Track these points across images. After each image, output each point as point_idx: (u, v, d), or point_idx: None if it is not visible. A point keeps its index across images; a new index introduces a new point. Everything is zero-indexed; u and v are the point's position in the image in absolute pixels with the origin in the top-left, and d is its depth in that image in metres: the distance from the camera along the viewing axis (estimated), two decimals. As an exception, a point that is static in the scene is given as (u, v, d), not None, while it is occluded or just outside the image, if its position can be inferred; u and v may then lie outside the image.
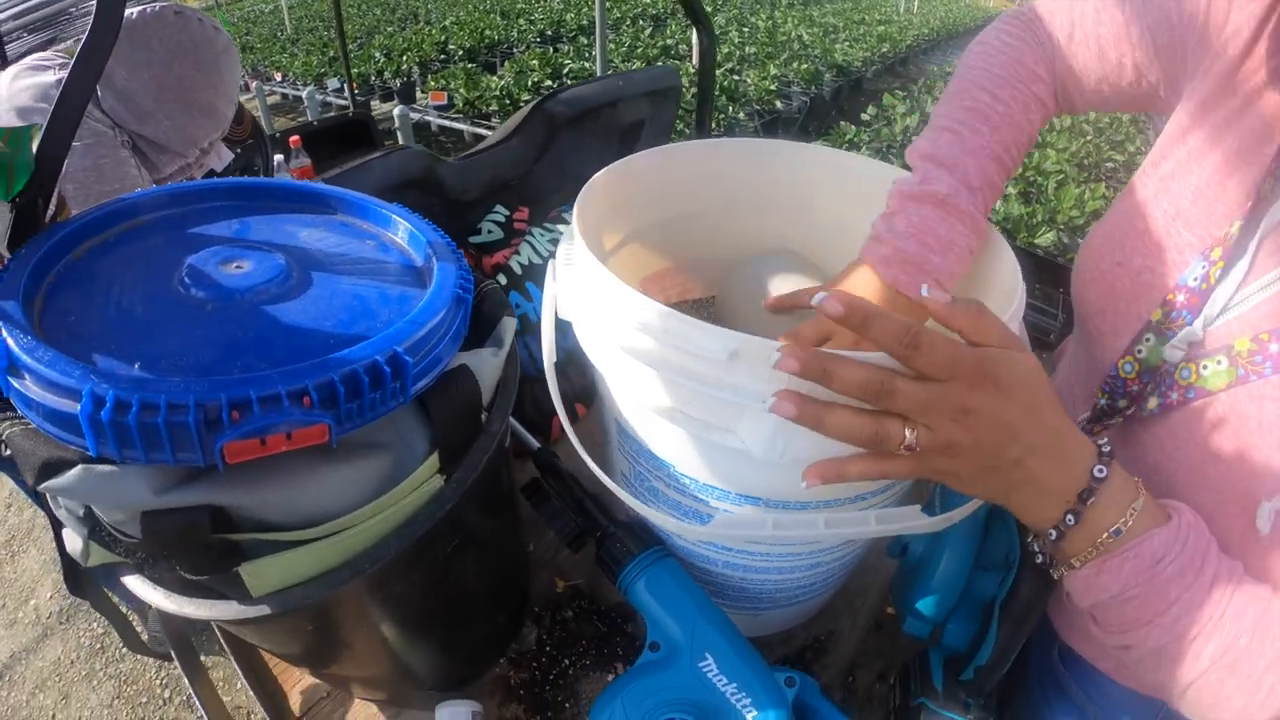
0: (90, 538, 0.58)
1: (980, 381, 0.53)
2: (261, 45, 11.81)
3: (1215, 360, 0.62)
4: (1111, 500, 0.57)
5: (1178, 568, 0.55)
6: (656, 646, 0.76)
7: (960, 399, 0.53)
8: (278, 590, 0.58)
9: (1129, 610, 0.58)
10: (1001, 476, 0.57)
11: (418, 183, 1.28)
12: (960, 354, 0.53)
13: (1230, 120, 0.65)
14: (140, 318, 0.59)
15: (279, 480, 0.54)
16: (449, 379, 0.63)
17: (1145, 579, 0.56)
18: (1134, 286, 0.71)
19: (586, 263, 0.69)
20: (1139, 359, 0.70)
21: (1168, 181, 0.70)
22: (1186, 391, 0.64)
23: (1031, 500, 0.58)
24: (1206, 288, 0.64)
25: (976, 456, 0.55)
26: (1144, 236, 0.71)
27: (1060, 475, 0.57)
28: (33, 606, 2.81)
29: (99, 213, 0.70)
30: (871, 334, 0.52)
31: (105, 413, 0.47)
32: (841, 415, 0.54)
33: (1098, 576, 0.58)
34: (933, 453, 0.54)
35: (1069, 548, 0.59)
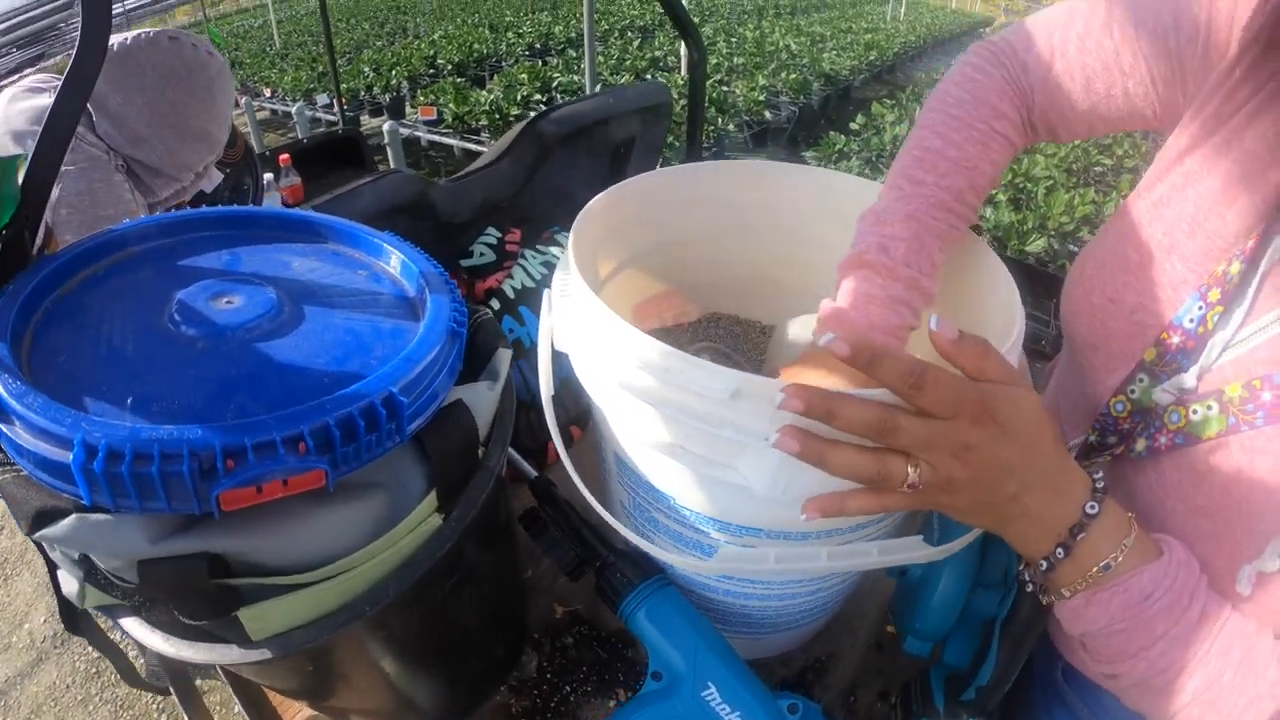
0: (86, 580, 0.58)
1: (982, 419, 0.54)
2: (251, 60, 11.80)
3: (1206, 405, 0.61)
4: (1103, 535, 0.57)
5: (1165, 604, 0.56)
6: (659, 676, 0.76)
7: (962, 436, 0.53)
8: (278, 634, 0.57)
9: (1115, 642, 0.58)
10: (998, 510, 0.57)
11: (409, 207, 1.27)
12: (963, 392, 0.53)
13: (1230, 142, 0.63)
14: (131, 357, 0.59)
15: (276, 524, 0.54)
16: (445, 415, 0.62)
17: (1132, 614, 0.56)
18: (1127, 325, 0.69)
19: (583, 296, 0.69)
20: (1131, 399, 0.68)
21: (1162, 208, 0.68)
22: (1175, 436, 0.63)
23: (1025, 532, 0.59)
24: (1204, 332, 0.62)
25: (975, 492, 0.55)
26: (1137, 270, 0.69)
27: (1054, 509, 0.58)
28: (27, 631, 2.78)
29: (88, 245, 0.70)
30: (878, 374, 0.52)
31: (98, 462, 0.47)
32: (845, 453, 0.54)
33: (1086, 608, 0.58)
34: (933, 488, 0.55)
35: (1059, 578, 0.59)
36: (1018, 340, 0.68)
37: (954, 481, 0.54)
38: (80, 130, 1.52)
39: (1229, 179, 0.63)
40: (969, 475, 0.54)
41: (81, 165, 1.52)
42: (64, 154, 0.71)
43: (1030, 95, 0.81)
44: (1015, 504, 0.57)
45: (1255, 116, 0.62)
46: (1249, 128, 0.62)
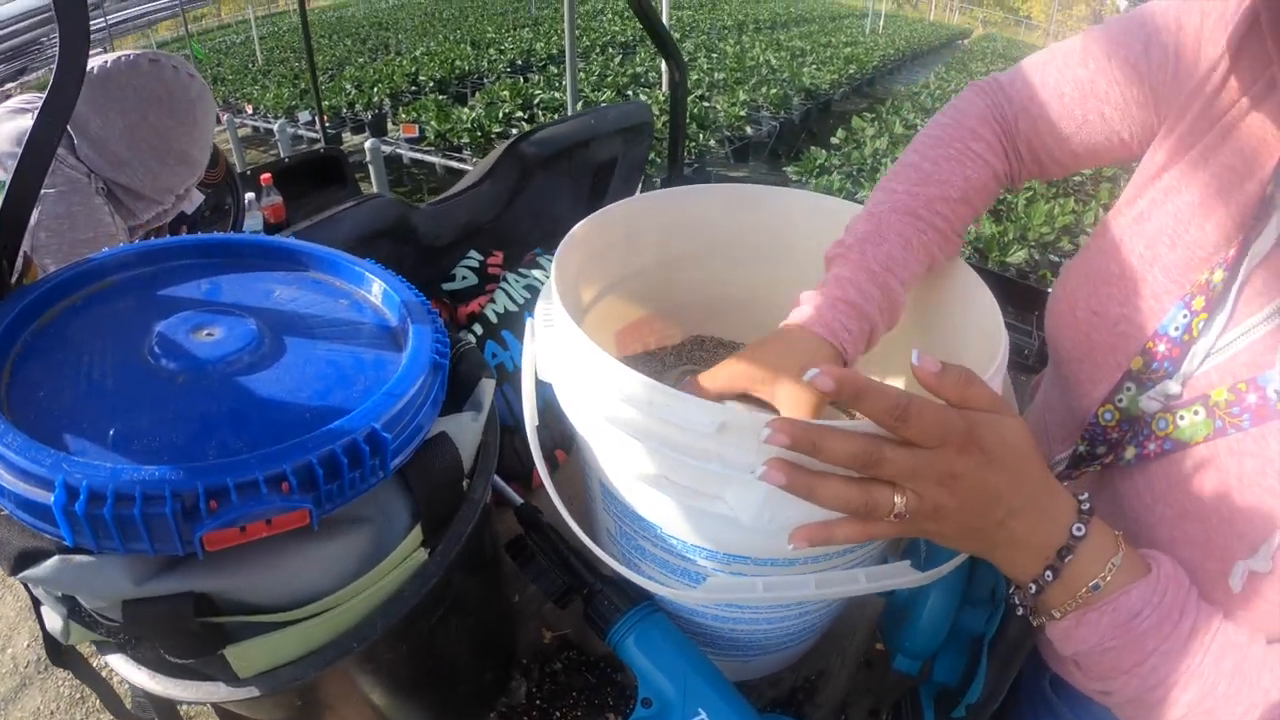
0: (70, 618, 0.57)
1: (968, 447, 0.54)
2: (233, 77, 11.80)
3: (1193, 411, 0.62)
4: (1091, 555, 0.57)
5: (1155, 620, 0.56)
6: (649, 703, 0.76)
7: (948, 465, 0.54)
8: (265, 671, 0.57)
9: (1107, 660, 0.58)
10: (986, 536, 0.58)
11: (390, 231, 1.27)
12: (949, 422, 0.53)
13: (1206, 156, 0.66)
14: (111, 391, 0.58)
15: (260, 563, 0.53)
16: (429, 449, 0.62)
17: (1122, 632, 0.56)
18: (1111, 336, 0.71)
19: (566, 327, 0.69)
20: (1119, 408, 0.70)
21: (1142, 222, 0.70)
22: (1164, 443, 0.64)
23: (1013, 557, 0.59)
24: (1189, 339, 0.64)
25: (962, 519, 0.56)
26: (1119, 282, 0.70)
27: (1041, 533, 0.58)
28: (10, 655, 2.75)
29: (67, 275, 0.69)
30: (863, 408, 0.53)
31: (80, 504, 0.46)
32: (832, 485, 0.54)
33: (1076, 629, 0.58)
34: (920, 516, 0.55)
35: (1048, 600, 0.59)
36: (1001, 365, 0.69)
37: (941, 510, 0.55)
38: (61, 153, 1.50)
39: (1207, 192, 0.65)
40: (956, 503, 0.55)
41: (61, 188, 1.51)
42: (43, 178, 0.70)
43: (1014, 124, 0.84)
44: (1002, 530, 0.57)
45: (1229, 132, 0.65)
46: (1224, 143, 0.65)
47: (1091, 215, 4.75)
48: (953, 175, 0.83)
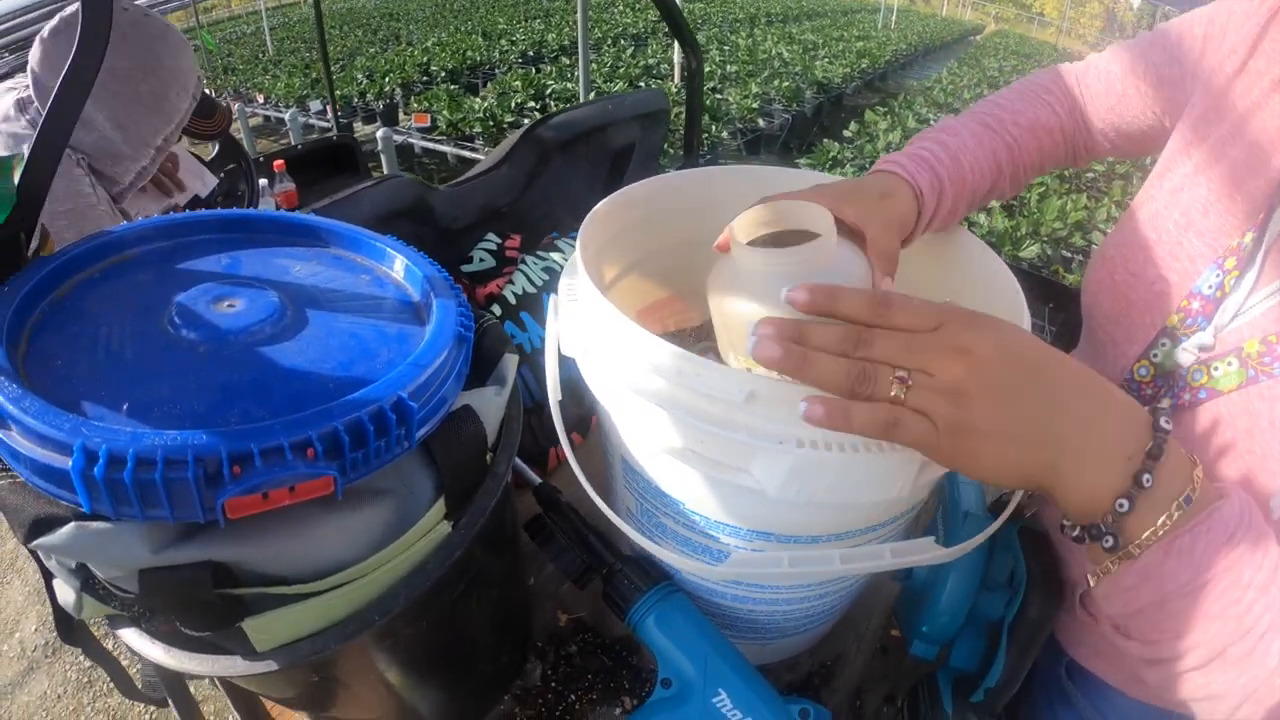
0: (83, 591, 0.56)
1: (975, 322, 0.50)
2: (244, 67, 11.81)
3: (1226, 362, 0.63)
4: (1177, 462, 0.49)
5: (1249, 544, 0.47)
6: (669, 683, 0.75)
7: (954, 338, 0.49)
8: (284, 645, 0.56)
9: (1196, 603, 0.48)
10: (1040, 430, 0.48)
11: (408, 212, 1.27)
12: (943, 306, 0.50)
13: (1234, 134, 0.68)
14: (130, 361, 0.57)
15: (282, 532, 0.53)
16: (453, 421, 0.61)
17: (1220, 560, 0.47)
18: (1148, 295, 0.72)
19: (592, 299, 0.68)
20: (1154, 363, 0.70)
21: (1177, 194, 0.73)
22: (1199, 393, 0.64)
23: (1086, 464, 0.49)
24: (1221, 295, 0.65)
25: (997, 402, 0.48)
26: (1156, 247, 0.72)
27: (1118, 425, 0.49)
28: (18, 640, 2.76)
29: (85, 247, 0.68)
30: (841, 310, 0.51)
31: (99, 469, 0.45)
32: (823, 358, 0.50)
33: (1164, 563, 0.48)
34: (941, 405, 0.48)
35: (1134, 526, 0.49)
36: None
37: (962, 390, 0.48)
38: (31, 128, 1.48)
39: (1236, 165, 0.67)
40: (981, 380, 0.47)
41: None
42: (61, 154, 0.70)
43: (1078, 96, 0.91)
44: (1063, 416, 0.48)
45: (1255, 111, 0.67)
46: (1250, 121, 0.68)
47: (1104, 211, 4.74)
48: (1024, 108, 0.90)
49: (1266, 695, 0.48)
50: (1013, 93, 0.93)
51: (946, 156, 0.82)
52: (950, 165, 0.82)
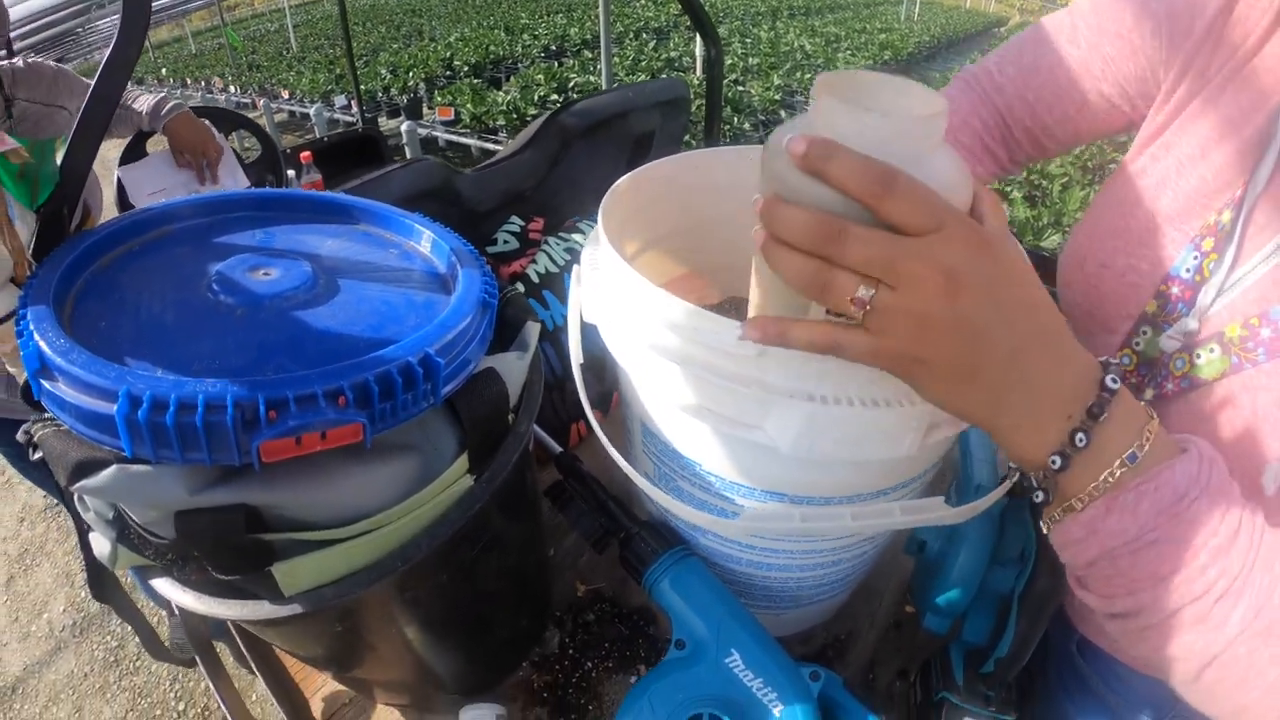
0: (118, 541, 0.59)
1: (974, 241, 0.44)
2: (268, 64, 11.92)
3: (1208, 349, 0.62)
4: (1125, 419, 0.47)
5: (1203, 506, 0.46)
6: (682, 644, 0.77)
7: (945, 256, 0.43)
8: (309, 589, 0.58)
9: (1143, 562, 0.47)
10: (989, 378, 0.46)
11: (435, 193, 1.29)
12: (946, 205, 0.44)
13: (1204, 111, 0.66)
14: (171, 323, 0.60)
15: (312, 480, 0.55)
16: (477, 381, 0.63)
17: (1167, 519, 0.46)
18: (1119, 286, 0.71)
19: (614, 265, 0.70)
20: (1136, 351, 0.70)
21: (1143, 177, 0.71)
22: (1181, 381, 0.64)
23: (1027, 416, 0.47)
24: (1200, 280, 0.64)
25: (959, 342, 0.45)
26: (1124, 235, 0.71)
27: (1065, 381, 0.47)
28: (46, 620, 2.82)
29: (125, 222, 0.71)
30: (833, 173, 0.44)
31: (142, 412, 0.48)
32: (789, 254, 0.46)
33: (1106, 518, 0.47)
34: (900, 325, 0.45)
35: (1072, 481, 0.48)
36: None
37: (930, 320, 0.44)
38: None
39: (1207, 142, 0.66)
40: (953, 314, 0.43)
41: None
42: (101, 137, 0.73)
43: (1009, 113, 0.86)
44: (1013, 366, 0.45)
45: (1226, 84, 0.66)
46: (1222, 94, 0.66)
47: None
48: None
49: (1229, 662, 0.47)
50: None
51: None
52: None
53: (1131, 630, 0.51)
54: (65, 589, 2.94)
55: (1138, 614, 0.49)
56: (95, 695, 2.53)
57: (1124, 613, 0.50)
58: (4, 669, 2.65)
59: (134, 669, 2.60)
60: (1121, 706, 0.87)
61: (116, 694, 2.53)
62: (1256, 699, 0.47)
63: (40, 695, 2.54)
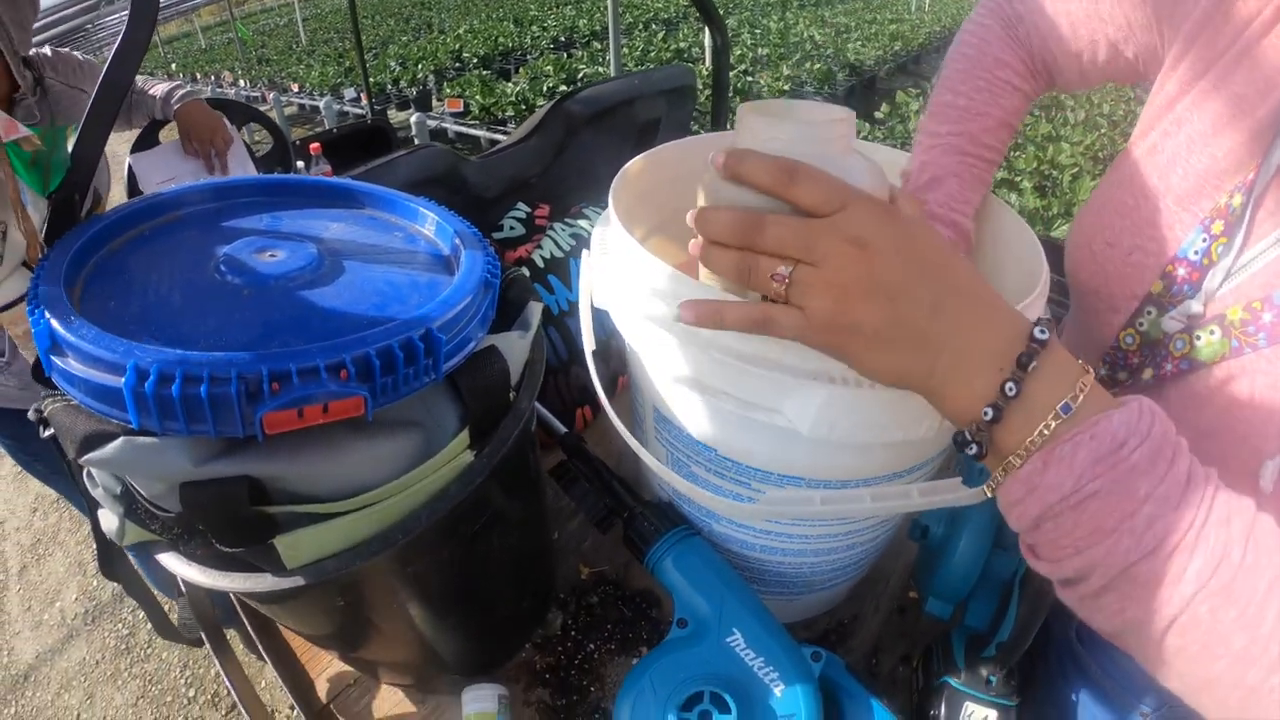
0: (126, 516, 0.60)
1: (878, 212, 0.48)
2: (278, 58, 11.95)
3: (1209, 331, 0.62)
4: (1056, 371, 0.47)
5: (1146, 454, 0.44)
6: (684, 623, 0.77)
7: (853, 226, 0.47)
8: (311, 562, 0.59)
9: (1086, 516, 0.45)
10: (917, 334, 0.48)
11: (441, 179, 1.30)
12: (847, 187, 0.49)
13: (1217, 85, 0.65)
14: (178, 303, 0.61)
15: (315, 453, 0.56)
16: (479, 358, 0.64)
17: (1106, 468, 0.44)
18: (1125, 266, 0.71)
19: (626, 247, 0.70)
20: (1140, 331, 0.70)
21: (1154, 154, 0.70)
22: (1180, 363, 0.64)
23: (957, 370, 0.48)
24: (1208, 263, 0.63)
25: (879, 303, 0.47)
26: (1132, 213, 0.71)
27: (992, 333, 0.48)
28: (58, 608, 2.85)
29: (134, 208, 0.73)
30: (746, 175, 0.50)
31: (149, 385, 0.49)
32: (720, 251, 0.52)
33: (1044, 473, 0.46)
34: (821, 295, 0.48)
35: (1007, 434, 0.48)
36: (1043, 292, 0.69)
37: (848, 286, 0.47)
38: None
39: (1219, 121, 0.64)
40: (870, 277, 0.47)
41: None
42: (111, 125, 0.74)
43: (1029, 43, 0.85)
44: (939, 318, 0.48)
45: (1241, 59, 0.63)
46: (1235, 71, 0.64)
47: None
48: (989, 107, 0.85)
49: (1190, 625, 0.45)
50: (969, 84, 0.86)
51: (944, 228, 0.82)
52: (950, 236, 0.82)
53: (1087, 597, 0.49)
54: (78, 577, 2.97)
55: (1089, 575, 0.47)
56: (107, 682, 2.55)
57: (1076, 576, 0.48)
58: (17, 657, 2.67)
59: (145, 656, 2.62)
60: (1120, 694, 0.88)
61: (128, 681, 2.55)
62: (1224, 670, 0.44)
63: (52, 683, 2.57)
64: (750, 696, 0.72)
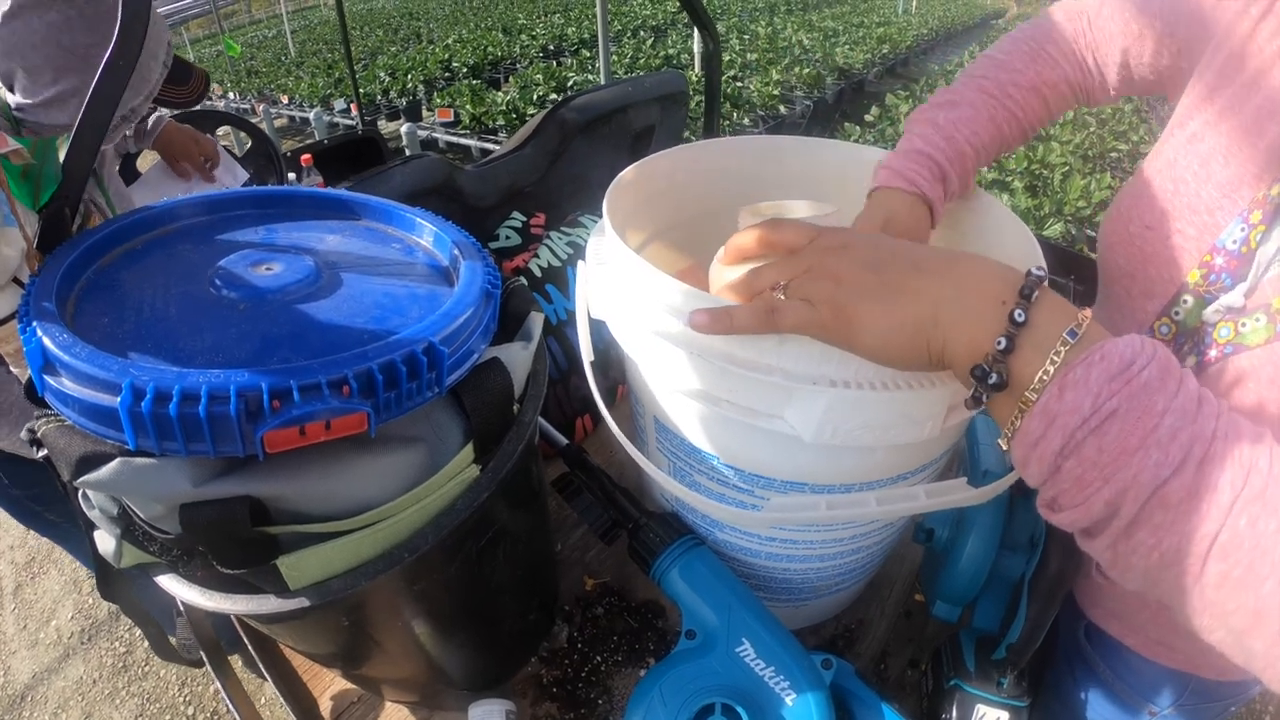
0: (123, 538, 0.59)
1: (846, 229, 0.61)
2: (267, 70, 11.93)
3: (1254, 318, 0.62)
4: (1056, 304, 0.49)
5: (1155, 372, 0.45)
6: (692, 634, 0.77)
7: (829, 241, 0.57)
8: (316, 583, 0.58)
9: (1109, 439, 0.44)
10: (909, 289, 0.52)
11: (437, 189, 1.29)
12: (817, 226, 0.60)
13: (1256, 82, 0.65)
14: (174, 318, 0.60)
15: (317, 471, 0.55)
16: (481, 371, 0.63)
17: (1121, 384, 0.44)
18: (1164, 249, 0.71)
19: (622, 256, 0.70)
20: (1175, 320, 0.70)
21: (1196, 143, 0.70)
22: (1225, 349, 0.64)
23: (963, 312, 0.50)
24: (1247, 251, 0.64)
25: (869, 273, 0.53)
26: (1173, 199, 0.71)
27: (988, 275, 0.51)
28: (54, 627, 2.82)
29: (126, 221, 0.71)
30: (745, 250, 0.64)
31: (145, 404, 0.48)
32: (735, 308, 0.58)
33: (1061, 398, 0.46)
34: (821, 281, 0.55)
35: (1022, 365, 0.48)
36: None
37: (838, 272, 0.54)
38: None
39: (1260, 114, 0.64)
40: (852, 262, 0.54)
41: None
42: (103, 137, 0.72)
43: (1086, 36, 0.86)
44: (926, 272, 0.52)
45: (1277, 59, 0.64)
46: (1274, 68, 0.64)
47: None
48: (1025, 66, 0.87)
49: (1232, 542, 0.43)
50: (1013, 48, 0.89)
51: (941, 139, 0.82)
52: (945, 147, 0.82)
53: (1119, 539, 0.47)
54: (73, 595, 2.94)
55: (1120, 507, 0.45)
56: (104, 701, 2.52)
57: (1105, 514, 0.46)
58: (13, 676, 2.65)
59: (143, 674, 2.60)
60: (1129, 693, 0.88)
61: (125, 699, 2.52)
62: (1272, 591, 0.42)
63: (50, 702, 2.54)
64: (762, 707, 0.71)
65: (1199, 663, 0.82)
